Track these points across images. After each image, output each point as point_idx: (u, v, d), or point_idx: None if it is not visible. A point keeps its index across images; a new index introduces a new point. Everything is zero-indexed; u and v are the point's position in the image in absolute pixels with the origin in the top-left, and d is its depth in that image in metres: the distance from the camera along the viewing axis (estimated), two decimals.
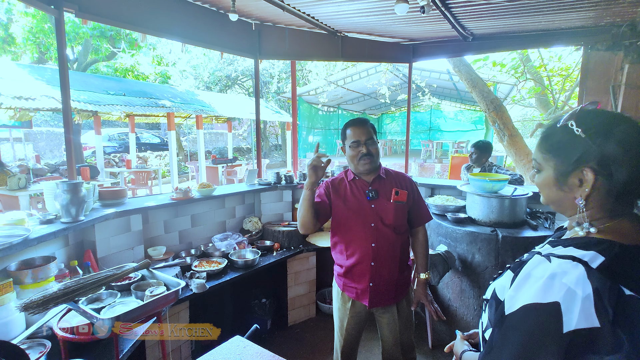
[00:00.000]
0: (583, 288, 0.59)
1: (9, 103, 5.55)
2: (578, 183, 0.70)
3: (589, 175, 0.67)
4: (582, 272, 0.61)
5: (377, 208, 1.71)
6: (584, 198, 0.70)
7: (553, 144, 0.74)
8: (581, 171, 0.69)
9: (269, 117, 11.95)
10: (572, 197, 0.72)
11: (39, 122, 15.43)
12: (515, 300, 0.66)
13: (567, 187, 0.72)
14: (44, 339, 1.53)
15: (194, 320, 2.32)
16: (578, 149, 0.69)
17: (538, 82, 6.95)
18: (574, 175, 0.70)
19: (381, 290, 1.71)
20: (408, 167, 4.49)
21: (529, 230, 2.46)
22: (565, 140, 0.71)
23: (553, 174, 0.74)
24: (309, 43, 3.88)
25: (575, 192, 0.71)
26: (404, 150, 4.69)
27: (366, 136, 1.70)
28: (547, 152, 0.75)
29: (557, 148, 0.73)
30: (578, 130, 0.68)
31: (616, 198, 0.68)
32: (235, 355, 1.28)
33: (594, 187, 0.68)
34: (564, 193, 0.74)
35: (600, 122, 0.68)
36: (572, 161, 0.70)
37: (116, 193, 2.51)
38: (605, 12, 2.99)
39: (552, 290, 0.61)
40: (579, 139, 0.69)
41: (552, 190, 0.76)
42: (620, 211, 0.70)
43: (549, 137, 0.76)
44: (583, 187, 0.69)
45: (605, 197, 0.69)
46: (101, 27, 8.84)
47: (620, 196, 0.68)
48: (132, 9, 2.77)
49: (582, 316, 0.58)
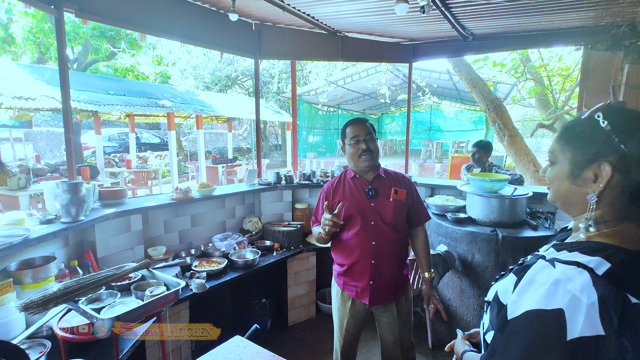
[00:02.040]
0: (588, 295, 0.57)
1: (9, 103, 5.55)
2: (593, 178, 0.68)
3: (607, 170, 0.65)
4: (588, 279, 0.59)
5: (377, 206, 1.72)
6: (596, 194, 0.67)
7: (574, 135, 0.71)
8: (599, 165, 0.66)
9: (269, 117, 11.95)
10: (584, 192, 0.70)
11: (39, 122, 15.43)
12: (518, 305, 0.64)
13: (581, 180, 0.70)
14: (44, 339, 1.53)
15: (194, 320, 2.32)
16: (600, 141, 0.66)
17: (538, 82, 6.95)
18: (590, 169, 0.68)
19: (381, 288, 1.72)
20: (408, 167, 4.49)
21: (529, 230, 2.46)
22: (588, 131, 0.69)
23: (568, 166, 0.72)
24: (309, 43, 3.88)
25: (589, 187, 0.69)
26: (404, 150, 4.69)
27: (366, 133, 1.72)
28: (566, 142, 0.72)
29: (577, 139, 0.70)
30: (604, 122, 0.66)
31: (629, 199, 0.66)
32: (235, 355, 1.28)
33: (609, 184, 0.66)
34: (576, 187, 0.71)
35: (628, 119, 0.66)
36: (591, 153, 0.67)
37: (116, 193, 2.51)
38: (605, 12, 2.99)
39: (556, 296, 0.60)
40: (602, 131, 0.66)
41: (563, 184, 0.73)
42: (629, 215, 0.68)
43: (570, 128, 0.73)
44: (598, 182, 0.67)
45: (617, 197, 0.67)
46: (101, 27, 8.83)
47: (633, 197, 0.66)
48: (132, 9, 2.77)
49: (586, 324, 0.56)
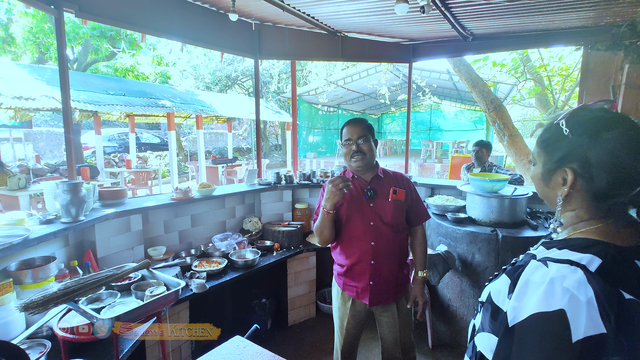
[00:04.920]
0: (585, 292, 0.58)
1: (9, 103, 5.55)
2: (561, 182, 0.71)
3: (569, 177, 0.69)
4: (582, 277, 0.59)
5: (376, 207, 1.72)
6: (563, 197, 0.71)
7: (544, 140, 0.75)
8: (564, 170, 0.70)
9: (269, 117, 11.95)
10: (555, 194, 0.73)
11: (39, 122, 15.43)
12: (519, 310, 0.63)
13: (552, 183, 0.73)
14: (44, 339, 1.53)
15: (194, 320, 2.32)
16: (563, 147, 0.70)
17: (538, 82, 6.95)
18: (558, 174, 0.71)
19: (381, 288, 1.72)
20: (408, 167, 4.49)
21: (529, 230, 2.46)
22: (554, 137, 0.72)
23: (541, 170, 0.76)
24: (309, 43, 3.88)
25: (558, 189, 0.72)
26: (404, 150, 4.69)
27: (358, 134, 1.71)
28: (539, 148, 0.76)
29: (547, 144, 0.74)
30: (566, 131, 0.69)
31: (597, 202, 0.69)
32: (235, 355, 1.28)
33: (574, 189, 0.69)
34: (549, 189, 0.75)
35: (591, 125, 0.68)
36: (556, 159, 0.71)
37: (116, 193, 2.51)
38: (605, 12, 2.99)
39: (554, 296, 0.59)
40: (565, 138, 0.69)
41: (540, 185, 0.78)
42: (608, 213, 0.69)
43: (542, 133, 0.77)
44: (564, 186, 0.70)
45: (588, 200, 0.70)
46: (101, 27, 8.83)
47: (600, 201, 0.68)
48: (132, 9, 2.77)
49: (589, 323, 0.56)
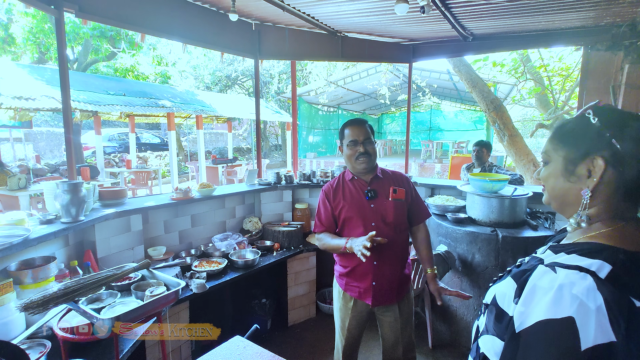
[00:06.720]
0: (594, 300, 0.56)
1: (9, 103, 5.55)
2: (587, 174, 0.68)
3: (599, 164, 0.66)
4: (592, 283, 0.58)
5: (377, 207, 1.72)
6: (590, 189, 0.68)
7: (565, 133, 0.73)
8: (591, 160, 0.67)
9: (269, 117, 11.95)
10: (579, 188, 0.70)
11: (39, 122, 15.43)
12: (526, 316, 0.62)
13: (575, 177, 0.70)
14: (44, 339, 1.53)
15: (194, 320, 2.31)
16: (591, 137, 0.68)
17: (538, 82, 6.95)
18: (583, 165, 0.69)
19: (384, 288, 1.72)
20: (408, 167, 4.49)
21: (529, 230, 2.46)
22: (580, 128, 0.71)
23: (562, 164, 0.73)
24: (309, 43, 3.88)
25: (583, 183, 0.69)
26: (404, 150, 4.69)
27: (364, 136, 1.72)
28: (559, 141, 0.74)
29: (569, 136, 0.72)
30: (595, 119, 0.68)
31: (624, 195, 0.67)
32: (235, 355, 1.28)
33: (603, 180, 0.66)
34: (571, 184, 0.72)
35: (617, 116, 0.68)
36: (584, 149, 0.68)
37: (116, 193, 2.51)
38: (605, 12, 2.99)
39: (563, 303, 0.58)
40: (593, 128, 0.68)
41: (558, 181, 0.74)
42: (625, 214, 0.68)
43: (562, 127, 0.75)
44: (592, 177, 0.67)
45: (613, 194, 0.67)
46: (101, 27, 8.83)
47: (628, 193, 0.66)
48: (132, 9, 2.77)
49: (598, 331, 0.54)
